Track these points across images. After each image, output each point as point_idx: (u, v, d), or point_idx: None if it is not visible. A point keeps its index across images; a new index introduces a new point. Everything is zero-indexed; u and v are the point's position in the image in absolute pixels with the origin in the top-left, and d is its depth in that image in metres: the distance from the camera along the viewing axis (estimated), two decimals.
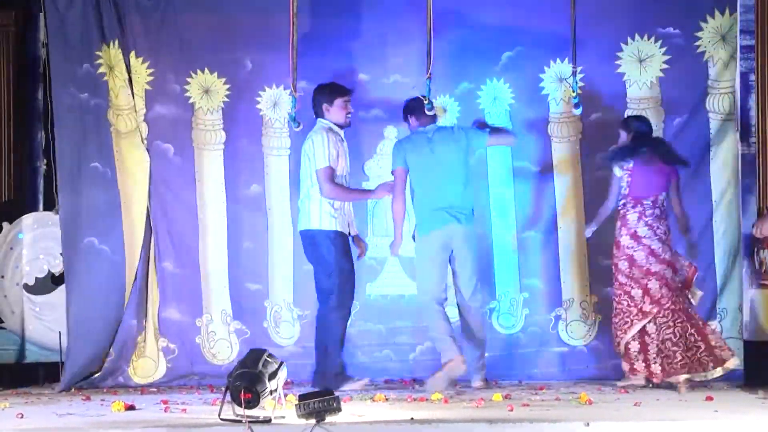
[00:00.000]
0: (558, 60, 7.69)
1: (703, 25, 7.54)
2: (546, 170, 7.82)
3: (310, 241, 7.18)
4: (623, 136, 7.20)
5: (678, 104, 7.60)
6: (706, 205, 7.51)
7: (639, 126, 7.19)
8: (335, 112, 7.21)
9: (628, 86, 7.68)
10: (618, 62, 7.69)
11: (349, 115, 7.27)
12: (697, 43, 7.57)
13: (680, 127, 7.61)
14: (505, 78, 7.85)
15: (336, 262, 7.10)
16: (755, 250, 7.16)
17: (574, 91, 6.85)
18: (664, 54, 7.63)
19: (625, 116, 7.46)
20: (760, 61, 7.17)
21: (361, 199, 7.58)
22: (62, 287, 7.66)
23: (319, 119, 7.26)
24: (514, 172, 7.86)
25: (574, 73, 6.92)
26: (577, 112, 7.08)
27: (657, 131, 7.48)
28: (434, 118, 7.18)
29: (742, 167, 7.22)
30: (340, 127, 7.24)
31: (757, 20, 7.18)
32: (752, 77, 7.20)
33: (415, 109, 7.21)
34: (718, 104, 7.56)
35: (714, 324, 7.31)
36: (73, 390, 7.30)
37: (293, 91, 6.87)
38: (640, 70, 7.60)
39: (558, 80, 7.73)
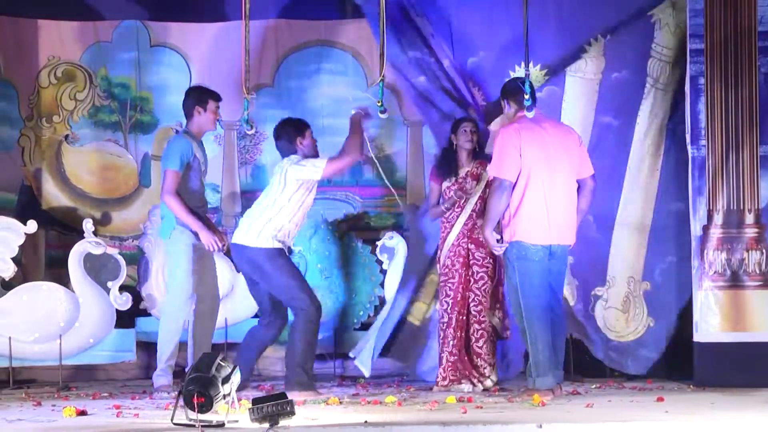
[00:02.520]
0: (524, 64, 7.69)
1: None
2: None
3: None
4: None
5: (620, 60, 7.62)
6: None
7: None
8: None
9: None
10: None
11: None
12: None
13: (617, 81, 7.63)
14: (473, 82, 7.91)
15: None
16: (705, 251, 7.22)
17: (527, 94, 6.87)
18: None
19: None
20: (710, 64, 7.23)
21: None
22: (12, 292, 7.61)
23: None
24: None
25: (527, 76, 6.94)
26: (530, 114, 7.08)
27: (594, 81, 7.60)
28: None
29: (692, 170, 7.29)
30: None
31: (706, 24, 7.24)
32: (702, 81, 7.25)
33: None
34: (655, 69, 7.59)
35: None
36: (24, 395, 7.24)
37: (246, 93, 6.85)
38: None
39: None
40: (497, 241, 6.69)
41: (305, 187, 6.98)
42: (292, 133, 7.11)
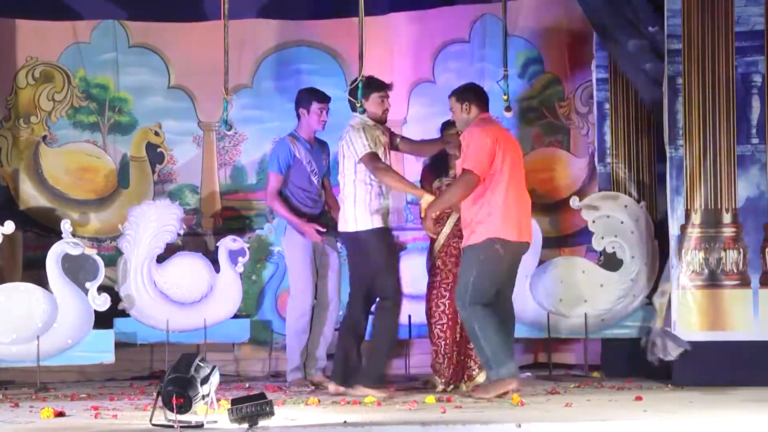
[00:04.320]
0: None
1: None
2: None
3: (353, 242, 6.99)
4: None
5: None
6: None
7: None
8: (372, 106, 6.96)
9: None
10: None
11: (385, 112, 7.07)
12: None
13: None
14: None
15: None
16: (683, 250, 7.25)
17: (505, 94, 6.88)
18: None
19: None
20: (687, 64, 7.26)
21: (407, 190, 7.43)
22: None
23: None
24: None
25: (505, 77, 6.95)
26: (509, 114, 7.10)
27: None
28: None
29: (670, 169, 7.32)
30: (379, 122, 7.03)
31: (683, 24, 7.27)
32: (679, 81, 7.28)
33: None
34: None
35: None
36: (1, 396, 7.20)
37: (225, 94, 6.84)
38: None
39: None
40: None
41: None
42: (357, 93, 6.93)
